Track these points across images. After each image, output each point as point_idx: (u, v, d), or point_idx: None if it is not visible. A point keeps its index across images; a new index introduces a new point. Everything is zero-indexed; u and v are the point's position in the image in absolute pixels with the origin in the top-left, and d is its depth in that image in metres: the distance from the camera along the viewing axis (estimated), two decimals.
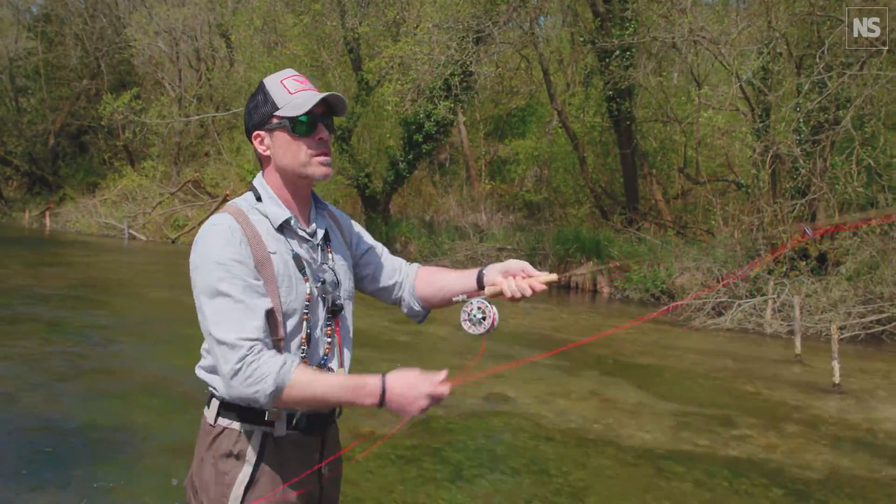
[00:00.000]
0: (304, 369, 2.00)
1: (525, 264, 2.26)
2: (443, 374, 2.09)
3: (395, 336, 10.80)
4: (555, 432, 6.64)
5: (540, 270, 2.28)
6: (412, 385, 2.03)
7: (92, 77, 36.25)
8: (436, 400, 2.06)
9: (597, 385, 8.53)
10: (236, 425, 2.12)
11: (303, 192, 2.22)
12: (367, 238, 2.50)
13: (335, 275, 2.25)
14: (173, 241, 26.03)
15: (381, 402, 2.01)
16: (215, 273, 2.02)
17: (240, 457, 2.11)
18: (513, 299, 2.24)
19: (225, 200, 24.81)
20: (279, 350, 2.07)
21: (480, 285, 2.33)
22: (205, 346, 2.16)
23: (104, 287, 15.02)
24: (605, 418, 7.17)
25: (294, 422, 2.13)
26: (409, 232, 20.83)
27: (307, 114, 2.09)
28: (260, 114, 2.15)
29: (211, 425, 2.17)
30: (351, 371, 2.29)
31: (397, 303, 2.51)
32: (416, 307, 2.49)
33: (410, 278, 2.49)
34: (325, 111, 2.16)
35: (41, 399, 7.08)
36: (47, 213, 32.47)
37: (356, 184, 21.00)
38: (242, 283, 2.02)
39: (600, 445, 6.33)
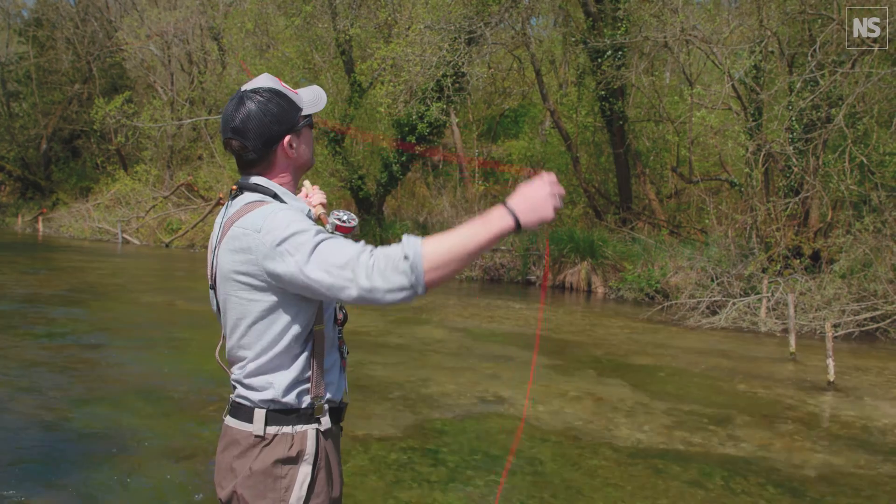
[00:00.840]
0: (432, 238, 1.95)
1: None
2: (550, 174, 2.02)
3: (388, 338, 10.78)
4: (550, 432, 6.63)
5: (535, 270, 2.33)
6: (532, 189, 1.97)
7: (84, 81, 36.20)
8: (557, 188, 1.98)
9: (591, 385, 8.52)
10: (288, 429, 2.12)
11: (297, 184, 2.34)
12: None
13: None
14: (167, 245, 25.97)
15: (516, 218, 1.93)
16: (306, 228, 2.01)
17: (298, 459, 2.11)
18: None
19: (219, 203, 24.79)
20: (322, 341, 2.16)
21: None
22: (247, 356, 2.15)
23: (98, 292, 14.97)
24: (600, 418, 7.17)
25: (333, 414, 2.20)
26: (403, 234, 20.76)
27: None
28: (289, 119, 2.18)
29: (259, 436, 2.13)
30: (347, 368, 2.36)
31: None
32: None
33: None
34: None
35: (35, 404, 7.05)
36: (40, 218, 32.41)
37: (349, 186, 20.97)
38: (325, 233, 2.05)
39: (595, 445, 6.32)
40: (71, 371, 8.43)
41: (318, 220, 2.50)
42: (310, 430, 2.12)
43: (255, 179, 2.21)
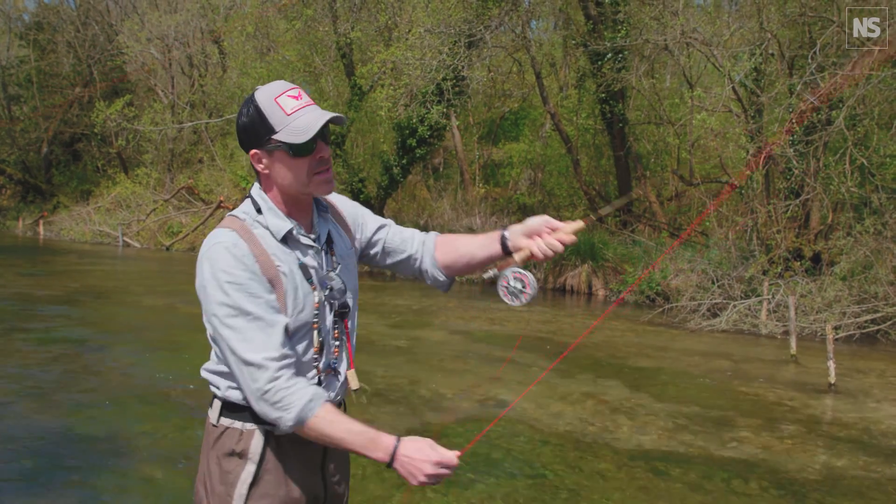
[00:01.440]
0: (329, 409, 2.03)
1: (546, 218, 2.22)
2: (454, 453, 2.10)
3: (393, 341, 10.79)
4: (550, 435, 6.63)
5: (537, 273, 2.27)
6: (422, 451, 2.05)
7: (84, 85, 36.17)
8: (442, 471, 2.06)
9: (592, 387, 8.52)
10: (238, 424, 2.14)
11: (304, 202, 2.19)
12: (372, 218, 2.47)
13: (339, 276, 2.24)
14: (167, 248, 25.97)
15: (391, 460, 2.04)
16: (229, 292, 2.02)
17: (243, 455, 2.13)
18: (545, 258, 2.22)
19: (219, 207, 24.79)
20: (297, 353, 2.11)
21: (506, 250, 2.28)
22: (216, 350, 2.16)
23: (99, 294, 14.98)
24: (601, 420, 7.17)
25: None
26: None
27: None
28: (254, 133, 2.08)
29: (214, 425, 2.19)
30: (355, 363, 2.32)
31: (418, 275, 2.47)
32: (441, 277, 2.42)
33: (430, 248, 2.43)
34: (323, 125, 2.08)
35: (36, 407, 7.06)
36: (41, 221, 32.39)
37: (350, 189, 20.98)
38: (258, 299, 2.02)
39: (596, 447, 6.33)
40: (71, 374, 8.43)
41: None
42: (258, 429, 2.13)
43: (253, 189, 2.20)
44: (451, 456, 2.06)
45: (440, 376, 8.82)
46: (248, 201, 2.18)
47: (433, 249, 2.43)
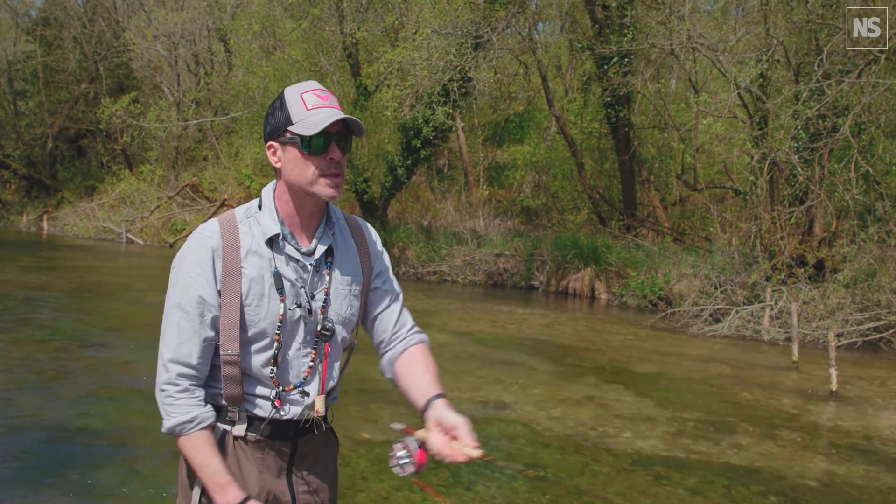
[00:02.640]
0: (201, 436, 2.09)
1: (461, 424, 2.09)
2: None
3: None
4: (551, 438, 6.63)
5: (538, 276, 2.25)
6: None
7: (90, 81, 36.24)
8: None
9: (594, 391, 8.52)
10: None
11: (309, 208, 2.16)
12: (387, 275, 2.42)
13: (326, 298, 2.19)
14: (171, 246, 26.01)
15: None
16: (180, 286, 2.11)
17: None
18: (436, 454, 2.12)
19: (223, 205, 24.83)
20: (234, 365, 2.11)
21: (423, 413, 2.24)
22: None
23: (102, 291, 15.00)
24: (602, 425, 7.16)
25: (254, 425, 2.16)
26: (407, 237, 20.82)
27: (321, 133, 2.05)
28: (274, 124, 2.11)
29: None
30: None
31: (379, 351, 2.44)
32: (388, 374, 2.42)
33: (397, 351, 2.39)
34: (341, 131, 2.09)
35: (38, 402, 7.07)
36: (45, 216, 32.43)
37: (354, 189, 20.98)
38: (197, 304, 2.08)
39: (597, 452, 6.32)
40: (73, 368, 8.45)
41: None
42: (217, 427, 2.16)
43: (266, 187, 2.22)
44: None
45: (442, 378, 8.79)
46: (257, 199, 2.21)
47: (397, 356, 2.39)
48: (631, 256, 17.07)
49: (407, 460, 2.11)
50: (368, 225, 2.41)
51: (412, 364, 2.36)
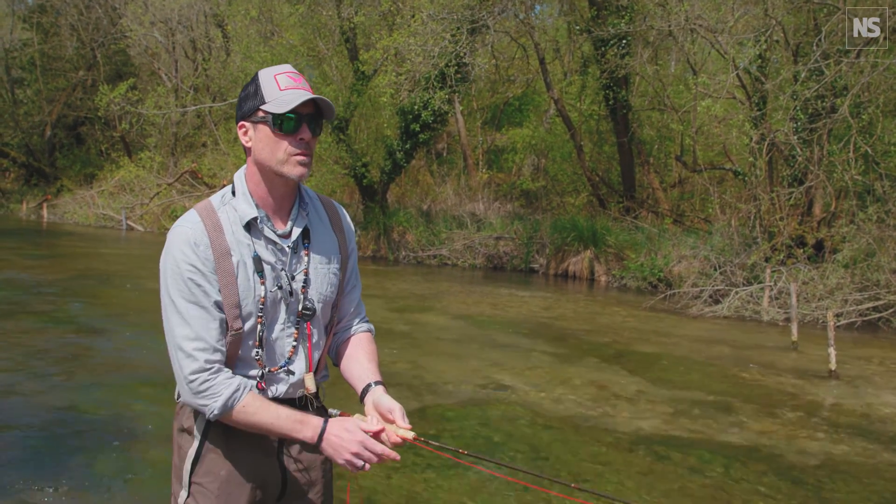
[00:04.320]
0: (255, 396, 2.11)
1: (396, 407, 2.17)
2: (376, 426, 2.13)
3: (394, 325, 10.83)
4: (552, 419, 6.67)
5: (538, 258, 2.28)
6: (349, 430, 2.09)
7: (88, 68, 36.11)
8: (366, 453, 2.09)
9: (594, 372, 8.56)
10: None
11: (280, 189, 2.20)
12: (355, 256, 2.48)
13: (306, 278, 2.24)
14: None
15: (320, 439, 2.10)
16: (176, 279, 2.11)
17: (191, 432, 2.22)
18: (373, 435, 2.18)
19: None
20: (236, 343, 2.14)
21: (361, 398, 2.30)
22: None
23: (103, 278, 15.02)
24: (602, 405, 7.21)
25: None
26: (406, 221, 20.84)
27: (293, 112, 2.09)
28: (248, 105, 2.15)
29: (176, 401, 2.27)
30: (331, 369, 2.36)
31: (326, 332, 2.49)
32: (331, 355, 2.48)
33: (344, 337, 2.46)
34: (312, 113, 2.14)
35: (40, 389, 7.11)
36: (45, 204, 32.41)
37: (353, 174, 20.96)
38: (199, 291, 2.09)
39: (597, 432, 6.36)
40: (75, 355, 8.48)
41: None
42: None
43: (237, 173, 2.26)
44: (376, 446, 2.10)
45: (442, 360, 8.86)
46: (229, 185, 2.25)
47: (343, 341, 2.45)
48: (630, 238, 17.09)
49: None
50: (341, 206, 2.47)
51: (358, 350, 2.43)
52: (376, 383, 2.29)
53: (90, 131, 37.56)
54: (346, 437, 2.08)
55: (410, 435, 2.14)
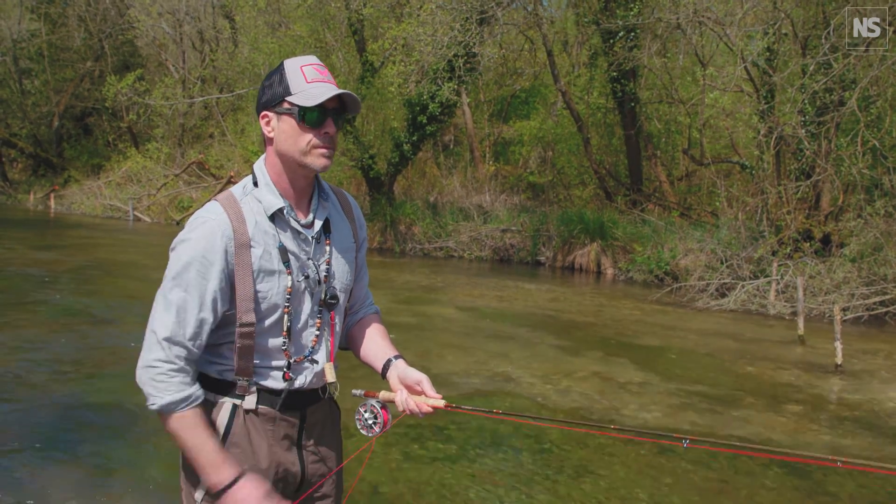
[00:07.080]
0: (196, 413, 2.08)
1: (423, 378, 2.23)
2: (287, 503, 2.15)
3: (401, 317, 10.84)
4: (557, 411, 6.68)
5: (545, 251, 2.29)
6: (255, 498, 2.06)
7: (96, 59, 36.15)
8: None
9: (599, 365, 8.57)
10: (210, 396, 2.18)
11: (302, 181, 2.20)
12: (365, 246, 2.50)
13: (329, 268, 2.25)
14: (178, 223, 26.06)
15: (224, 489, 2.06)
16: (185, 267, 2.10)
17: (215, 426, 2.16)
18: (402, 412, 2.25)
19: (229, 182, 24.84)
20: (249, 337, 2.13)
21: (384, 374, 2.34)
22: None
23: (110, 268, 15.07)
24: (608, 398, 7.22)
25: (264, 398, 2.19)
26: (413, 213, 20.84)
27: (319, 106, 2.09)
28: (272, 94, 2.14)
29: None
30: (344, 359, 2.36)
31: None
32: (342, 339, 2.49)
33: (354, 320, 2.51)
34: (337, 107, 2.14)
35: (47, 378, 7.15)
36: (52, 195, 32.50)
37: (360, 165, 20.96)
38: (201, 284, 2.08)
39: (602, 424, 6.37)
40: (83, 345, 8.53)
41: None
42: (227, 401, 2.18)
43: (256, 164, 2.25)
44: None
45: (448, 352, 8.88)
46: (249, 176, 2.24)
47: (353, 324, 2.51)
48: (637, 231, 17.06)
49: (373, 421, 2.27)
50: (351, 197, 2.49)
51: (370, 330, 2.48)
52: (396, 357, 2.33)
53: (98, 122, 37.63)
54: (250, 500, 2.05)
55: (441, 403, 2.20)
